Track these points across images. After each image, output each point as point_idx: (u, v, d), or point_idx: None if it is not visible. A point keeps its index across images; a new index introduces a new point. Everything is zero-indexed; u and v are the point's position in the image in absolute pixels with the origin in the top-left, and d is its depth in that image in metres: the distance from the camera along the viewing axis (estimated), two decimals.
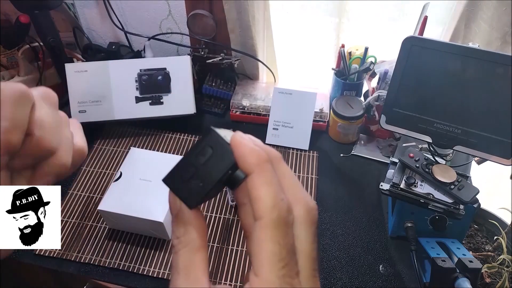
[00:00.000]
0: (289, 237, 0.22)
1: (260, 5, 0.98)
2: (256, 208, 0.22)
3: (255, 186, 0.23)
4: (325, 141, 1.03)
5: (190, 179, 0.24)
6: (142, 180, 0.80)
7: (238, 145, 0.23)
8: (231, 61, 1.06)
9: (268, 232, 0.22)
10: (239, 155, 0.23)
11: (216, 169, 0.24)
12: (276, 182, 0.23)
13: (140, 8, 1.12)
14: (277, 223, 0.22)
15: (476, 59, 0.63)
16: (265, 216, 0.22)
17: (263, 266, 0.21)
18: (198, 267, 0.23)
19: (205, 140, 0.24)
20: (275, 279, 0.21)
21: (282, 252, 0.22)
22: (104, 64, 0.96)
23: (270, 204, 0.22)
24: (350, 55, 0.99)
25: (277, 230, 0.22)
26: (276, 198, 0.22)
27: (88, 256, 0.78)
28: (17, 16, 0.99)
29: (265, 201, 0.22)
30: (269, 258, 0.21)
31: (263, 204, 0.22)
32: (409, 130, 0.72)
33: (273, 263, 0.21)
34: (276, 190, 0.23)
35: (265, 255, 0.21)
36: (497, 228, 0.75)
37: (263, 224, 0.22)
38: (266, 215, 0.22)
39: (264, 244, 0.22)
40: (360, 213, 0.86)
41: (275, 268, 0.21)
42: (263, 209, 0.22)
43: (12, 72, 1.16)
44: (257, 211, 0.22)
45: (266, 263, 0.21)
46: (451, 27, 0.92)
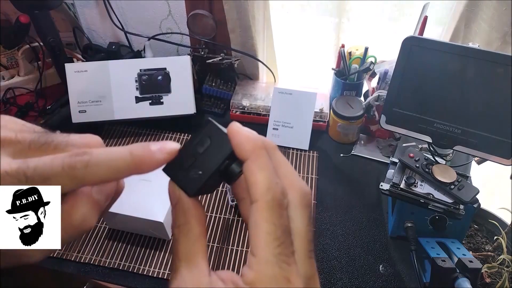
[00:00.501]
0: (283, 218, 0.23)
1: (260, 5, 0.98)
2: (252, 192, 0.23)
3: (251, 171, 0.23)
4: (325, 141, 1.03)
5: (189, 168, 0.25)
6: (142, 180, 0.80)
7: (234, 134, 0.24)
8: (231, 61, 1.06)
9: (264, 213, 0.22)
10: (236, 143, 0.24)
11: (214, 158, 0.25)
12: (270, 167, 0.24)
13: (140, 8, 1.12)
14: (272, 205, 0.23)
15: (476, 59, 0.63)
16: (260, 198, 0.23)
17: (259, 245, 0.22)
18: (198, 254, 0.24)
19: (204, 131, 0.25)
20: (271, 257, 0.22)
21: (277, 231, 0.22)
22: (104, 64, 0.96)
23: (264, 187, 0.23)
24: (350, 55, 0.99)
25: (272, 211, 0.22)
26: (271, 181, 0.23)
27: (88, 256, 0.78)
28: (17, 16, 0.99)
29: (260, 184, 0.23)
30: (264, 237, 0.22)
31: (258, 187, 0.23)
32: (409, 130, 0.72)
33: (269, 242, 0.22)
34: (271, 174, 0.23)
35: (261, 235, 0.22)
36: (497, 228, 0.75)
37: (258, 207, 0.23)
38: (261, 197, 0.23)
39: (260, 224, 0.22)
40: (360, 213, 0.86)
41: (271, 247, 0.22)
42: (258, 192, 0.23)
43: (12, 72, 1.16)
44: (253, 194, 0.23)
45: (262, 242, 0.22)
46: (451, 27, 0.92)
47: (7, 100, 1.11)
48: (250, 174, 0.23)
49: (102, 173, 0.23)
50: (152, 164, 0.24)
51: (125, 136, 1.02)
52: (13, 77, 1.15)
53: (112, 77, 0.96)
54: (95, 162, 0.23)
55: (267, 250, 0.22)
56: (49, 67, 1.17)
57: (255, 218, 0.23)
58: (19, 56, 1.12)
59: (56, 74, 1.13)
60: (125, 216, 0.75)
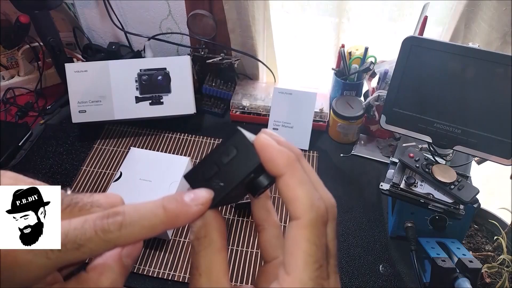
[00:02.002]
0: (324, 237, 0.22)
1: (260, 5, 0.98)
2: (293, 209, 0.22)
3: (290, 187, 0.22)
4: (325, 141, 1.03)
5: (211, 178, 0.24)
6: (142, 180, 0.81)
7: (264, 148, 0.23)
8: (231, 61, 1.06)
9: (306, 232, 0.21)
10: (267, 158, 0.23)
11: (239, 170, 0.23)
12: (309, 181, 0.23)
13: (140, 8, 1.12)
14: (315, 224, 0.22)
15: (476, 59, 0.63)
16: (302, 216, 0.22)
17: (297, 266, 0.21)
18: (220, 268, 0.23)
19: (231, 140, 0.24)
20: (308, 280, 0.21)
21: (318, 253, 0.21)
22: (104, 64, 0.96)
23: (308, 204, 0.22)
24: (350, 55, 0.99)
25: (315, 230, 0.22)
26: (313, 197, 0.22)
27: None
28: (17, 16, 0.99)
29: (302, 200, 0.22)
30: (304, 258, 0.21)
31: (300, 204, 0.22)
32: (409, 130, 0.72)
33: (309, 264, 0.21)
34: (311, 189, 0.22)
35: (300, 255, 0.21)
36: (497, 228, 0.75)
37: (300, 224, 0.22)
38: (304, 215, 0.22)
39: (300, 244, 0.21)
40: (360, 213, 0.86)
41: (310, 270, 0.21)
42: (300, 208, 0.22)
43: (12, 72, 1.16)
44: (293, 211, 0.22)
45: (301, 263, 0.21)
46: (451, 27, 0.92)
47: (7, 100, 1.11)
48: (289, 190, 0.22)
49: (137, 233, 0.22)
50: (187, 219, 0.23)
51: (125, 136, 1.02)
52: (13, 77, 1.15)
53: (112, 77, 0.96)
54: (129, 222, 0.21)
55: (305, 273, 0.21)
56: (49, 67, 1.17)
57: (295, 235, 0.22)
58: (19, 56, 1.12)
59: (56, 74, 1.13)
60: None
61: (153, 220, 0.22)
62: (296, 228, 0.22)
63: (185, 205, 0.22)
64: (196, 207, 0.23)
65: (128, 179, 0.81)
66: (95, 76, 0.96)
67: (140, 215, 0.22)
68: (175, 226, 0.23)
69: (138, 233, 0.22)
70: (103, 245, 0.21)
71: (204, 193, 0.23)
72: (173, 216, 0.22)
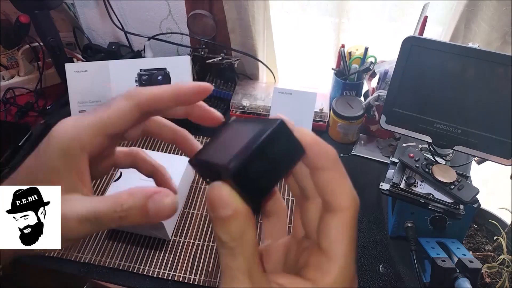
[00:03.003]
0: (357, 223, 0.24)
1: (260, 5, 0.98)
2: (339, 201, 0.23)
3: (336, 180, 0.24)
4: (325, 141, 1.02)
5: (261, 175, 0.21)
6: (142, 180, 0.80)
7: (313, 143, 0.24)
8: (231, 61, 1.06)
9: (351, 222, 0.23)
10: (317, 153, 0.24)
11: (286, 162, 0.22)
12: (348, 176, 0.24)
13: (140, 8, 1.12)
14: (356, 215, 0.23)
15: (476, 59, 0.63)
16: (348, 208, 0.23)
17: (341, 251, 0.23)
18: (259, 265, 0.22)
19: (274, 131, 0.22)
20: (349, 263, 0.23)
21: (355, 239, 0.23)
22: (104, 64, 0.96)
23: (352, 197, 0.24)
24: (350, 55, 0.99)
25: (355, 221, 0.23)
26: (354, 192, 0.24)
27: (88, 256, 0.78)
28: (17, 16, 0.99)
29: (348, 194, 0.24)
30: (349, 247, 0.23)
31: (347, 197, 0.23)
32: (409, 130, 0.72)
33: (351, 249, 0.23)
34: (351, 184, 0.24)
35: (345, 241, 0.23)
36: (497, 228, 0.75)
37: (344, 216, 0.23)
38: (350, 207, 0.23)
39: (345, 232, 0.23)
40: (360, 213, 0.86)
41: (352, 257, 0.23)
42: (346, 201, 0.23)
43: (12, 72, 1.16)
44: (340, 203, 0.23)
45: (344, 248, 0.23)
46: (451, 27, 0.92)
47: (7, 100, 1.11)
48: (335, 183, 0.24)
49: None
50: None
51: None
52: (13, 77, 1.15)
53: (112, 77, 0.96)
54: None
55: (347, 257, 0.23)
56: (49, 67, 1.17)
57: (338, 225, 0.23)
58: (19, 56, 1.12)
59: (56, 74, 1.13)
60: None
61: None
62: (339, 219, 0.23)
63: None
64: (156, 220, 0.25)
65: (128, 179, 0.81)
66: (95, 76, 0.96)
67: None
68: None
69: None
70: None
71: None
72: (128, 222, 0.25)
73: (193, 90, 0.28)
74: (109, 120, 0.26)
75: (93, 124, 0.26)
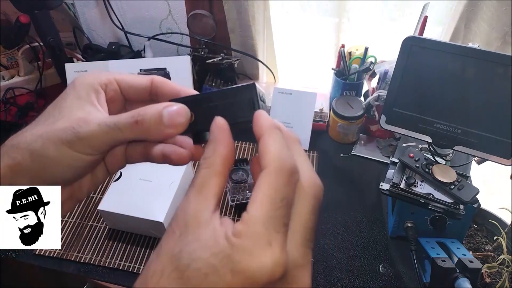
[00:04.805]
0: (288, 188, 0.23)
1: (260, 5, 0.98)
2: (263, 161, 0.23)
3: (264, 143, 0.24)
4: (325, 141, 1.03)
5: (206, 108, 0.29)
6: (142, 180, 0.80)
7: (259, 114, 0.26)
8: (231, 61, 1.06)
9: (269, 178, 0.23)
10: (257, 119, 0.26)
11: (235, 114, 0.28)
12: (284, 143, 0.24)
13: (140, 8, 1.12)
14: (279, 171, 0.23)
15: (476, 59, 0.63)
16: (269, 165, 0.23)
17: (255, 204, 0.22)
18: (211, 188, 0.24)
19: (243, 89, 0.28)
20: (262, 217, 0.22)
21: (276, 197, 0.22)
22: (104, 64, 0.96)
23: (276, 155, 0.23)
24: (350, 55, 0.99)
25: (277, 177, 0.23)
26: (282, 152, 0.24)
27: (88, 256, 0.78)
28: (17, 16, 0.99)
29: (271, 153, 0.23)
30: (262, 198, 0.22)
31: (269, 155, 0.23)
32: (409, 130, 0.72)
33: (265, 203, 0.22)
34: (283, 147, 0.24)
35: (259, 196, 0.22)
36: (497, 228, 0.75)
37: (265, 172, 0.23)
38: (270, 164, 0.23)
39: (262, 187, 0.22)
40: (360, 213, 0.86)
41: (265, 209, 0.22)
42: (268, 159, 0.23)
43: (12, 72, 1.16)
44: (263, 163, 0.23)
45: (258, 202, 0.22)
46: (451, 27, 0.92)
47: (7, 100, 1.11)
48: (263, 146, 0.24)
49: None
50: (159, 136, 0.28)
51: None
52: (13, 77, 1.15)
53: None
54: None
55: (260, 210, 0.22)
56: (49, 67, 1.17)
57: (259, 182, 0.23)
58: (19, 56, 1.12)
59: (56, 74, 1.13)
60: (125, 216, 0.75)
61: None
62: (261, 176, 0.23)
63: (160, 124, 0.27)
64: (169, 129, 0.28)
65: (128, 179, 0.81)
66: None
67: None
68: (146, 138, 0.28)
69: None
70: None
71: (183, 112, 0.28)
72: (144, 129, 0.27)
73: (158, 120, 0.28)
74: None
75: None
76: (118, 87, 0.31)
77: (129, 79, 0.32)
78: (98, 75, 0.31)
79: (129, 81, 0.32)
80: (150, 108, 0.28)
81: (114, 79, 0.31)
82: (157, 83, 0.33)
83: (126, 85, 0.32)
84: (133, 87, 0.32)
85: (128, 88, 0.32)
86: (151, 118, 0.27)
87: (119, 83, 0.31)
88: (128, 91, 0.32)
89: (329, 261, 0.78)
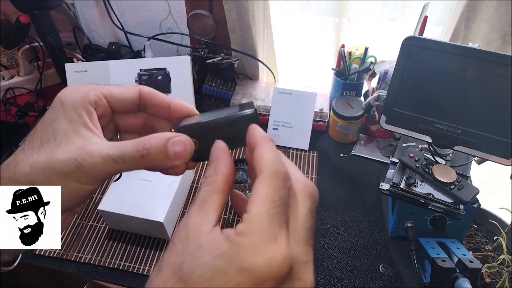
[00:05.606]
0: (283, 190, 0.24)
1: (260, 5, 0.98)
2: (258, 168, 0.24)
3: (260, 152, 0.25)
4: (325, 141, 1.03)
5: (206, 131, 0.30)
6: (142, 180, 0.80)
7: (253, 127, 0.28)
8: (231, 61, 1.06)
9: (266, 181, 0.23)
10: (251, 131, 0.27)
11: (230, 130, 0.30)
12: (278, 152, 0.25)
13: (140, 8, 1.12)
14: (275, 175, 0.24)
15: (476, 59, 0.63)
16: (264, 170, 0.24)
17: (255, 203, 0.23)
18: (212, 205, 0.25)
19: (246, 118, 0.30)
20: (264, 214, 0.22)
21: (275, 196, 0.23)
22: (104, 64, 0.96)
23: (271, 162, 0.24)
24: (350, 55, 0.99)
25: (274, 179, 0.24)
26: (277, 159, 0.25)
27: (88, 256, 0.78)
28: (17, 16, 0.99)
29: (267, 160, 0.24)
30: (261, 197, 0.23)
31: (265, 162, 0.24)
32: (409, 130, 0.72)
33: (265, 201, 0.23)
34: (277, 155, 0.25)
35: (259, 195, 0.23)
36: (497, 228, 0.75)
37: (262, 176, 0.24)
38: (266, 169, 0.24)
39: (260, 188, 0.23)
40: (360, 213, 0.86)
41: (266, 206, 0.22)
42: (264, 165, 0.24)
43: (12, 72, 1.16)
44: (258, 169, 0.24)
45: (258, 200, 0.23)
46: (451, 27, 0.92)
47: (7, 100, 1.11)
48: (259, 154, 0.25)
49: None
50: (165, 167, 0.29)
51: None
52: (13, 77, 1.15)
53: (112, 77, 0.96)
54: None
55: (261, 208, 0.22)
56: (49, 67, 1.17)
57: (256, 185, 0.23)
58: (19, 56, 1.12)
59: (56, 74, 1.13)
60: (125, 216, 0.75)
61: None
62: (258, 179, 0.24)
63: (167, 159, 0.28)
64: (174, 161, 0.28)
65: (128, 179, 0.81)
66: (95, 76, 0.96)
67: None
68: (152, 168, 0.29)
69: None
70: None
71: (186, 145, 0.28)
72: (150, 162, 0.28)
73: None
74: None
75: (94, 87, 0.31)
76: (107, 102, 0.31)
77: (116, 93, 0.31)
78: (85, 91, 0.29)
79: (116, 96, 0.31)
80: (154, 139, 0.28)
81: (102, 95, 0.30)
82: (145, 94, 0.32)
83: (114, 100, 0.31)
84: (121, 101, 0.32)
85: (116, 102, 0.32)
86: (157, 151, 0.27)
87: (107, 98, 0.31)
88: (116, 105, 0.32)
89: (329, 261, 0.78)
